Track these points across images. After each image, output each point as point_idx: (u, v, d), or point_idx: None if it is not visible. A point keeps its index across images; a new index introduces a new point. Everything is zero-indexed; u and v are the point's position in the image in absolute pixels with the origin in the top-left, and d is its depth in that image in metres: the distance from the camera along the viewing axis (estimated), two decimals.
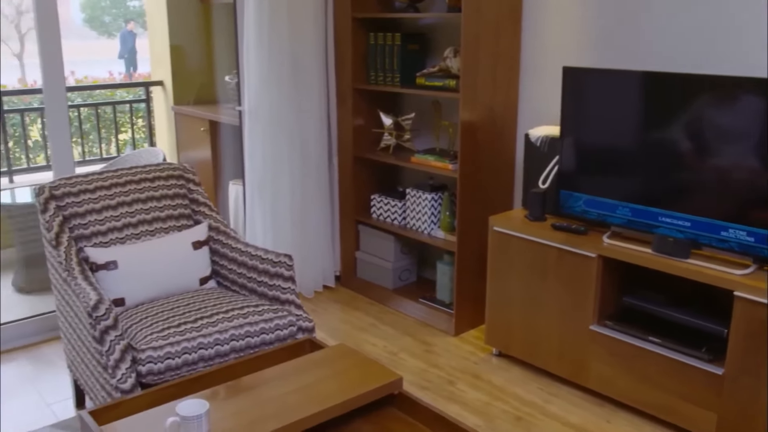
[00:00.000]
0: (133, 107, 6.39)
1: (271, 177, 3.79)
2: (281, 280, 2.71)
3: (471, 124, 3.32)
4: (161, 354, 2.34)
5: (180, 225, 2.95)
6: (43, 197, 2.73)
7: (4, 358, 3.40)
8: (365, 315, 3.85)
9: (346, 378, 2.22)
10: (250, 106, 3.72)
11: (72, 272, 2.53)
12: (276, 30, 3.65)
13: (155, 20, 5.59)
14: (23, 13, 16.17)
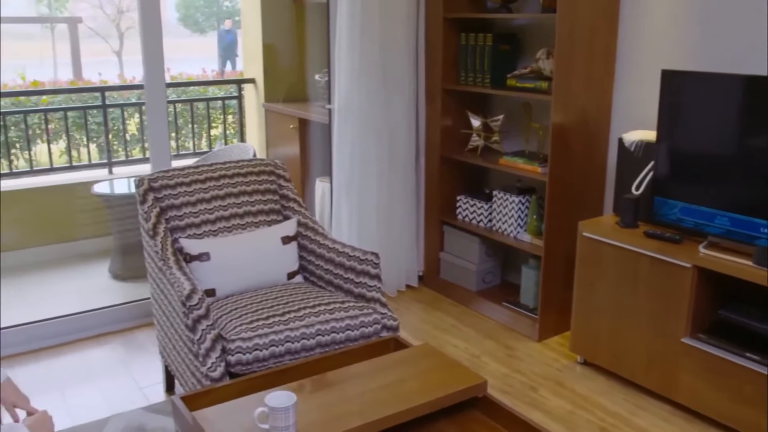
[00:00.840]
0: (225, 104, 6.56)
1: (358, 175, 3.82)
2: (367, 278, 2.73)
3: (562, 126, 3.26)
4: (250, 345, 2.40)
5: (270, 220, 3.02)
6: (142, 189, 2.84)
7: (99, 341, 3.56)
8: (447, 316, 3.84)
9: (431, 378, 2.22)
10: (340, 105, 3.77)
11: (167, 262, 2.62)
12: (368, 30, 3.68)
13: (249, 19, 5.73)
14: (123, 12, 16.88)
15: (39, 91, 6.29)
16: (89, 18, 15.11)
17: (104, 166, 5.65)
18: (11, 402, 1.97)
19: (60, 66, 13.57)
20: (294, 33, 5.55)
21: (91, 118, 5.84)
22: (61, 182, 5.26)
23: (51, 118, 5.73)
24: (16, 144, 5.59)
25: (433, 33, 3.84)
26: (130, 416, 2.86)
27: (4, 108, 5.65)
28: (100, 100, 5.79)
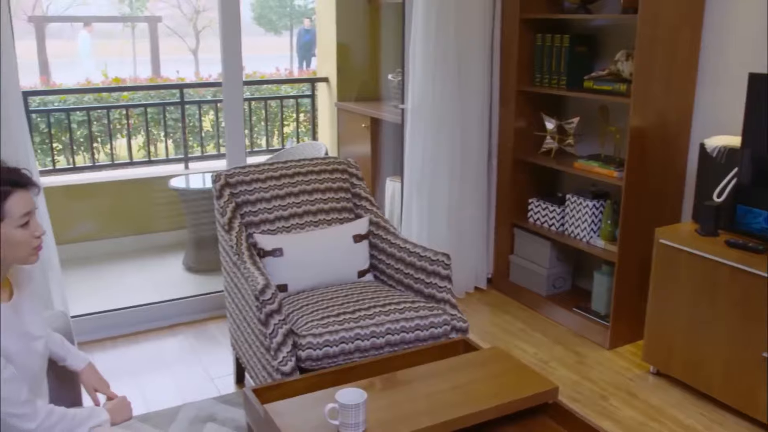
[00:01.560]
0: (298, 102, 6.65)
1: (429, 175, 3.82)
2: (438, 279, 2.72)
3: (641, 130, 3.18)
4: (320, 341, 2.42)
5: (342, 218, 3.04)
6: (219, 184, 2.90)
7: (172, 331, 3.65)
8: (515, 320, 3.79)
9: (501, 382, 2.19)
10: (413, 105, 3.77)
11: (242, 256, 2.67)
12: (443, 30, 3.67)
13: (324, 18, 5.80)
14: (200, 12, 17.30)
15: (125, 87, 6.53)
16: (167, 17, 15.55)
17: (180, 161, 5.81)
18: (92, 386, 2.04)
19: (139, 63, 14.00)
20: (368, 32, 5.59)
21: (168, 115, 6.01)
22: (140, 176, 5.44)
23: (131, 113, 5.92)
24: (98, 138, 5.79)
25: (508, 33, 3.80)
26: (201, 405, 2.93)
27: (87, 103, 5.87)
28: (177, 97, 5.96)
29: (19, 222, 1.64)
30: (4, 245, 1.63)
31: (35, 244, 1.69)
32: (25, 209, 1.65)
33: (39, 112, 5.45)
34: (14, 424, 1.65)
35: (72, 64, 11.90)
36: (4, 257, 1.66)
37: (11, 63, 2.91)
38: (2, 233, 1.62)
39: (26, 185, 1.68)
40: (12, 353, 1.66)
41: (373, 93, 5.56)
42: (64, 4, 14.54)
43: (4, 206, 1.61)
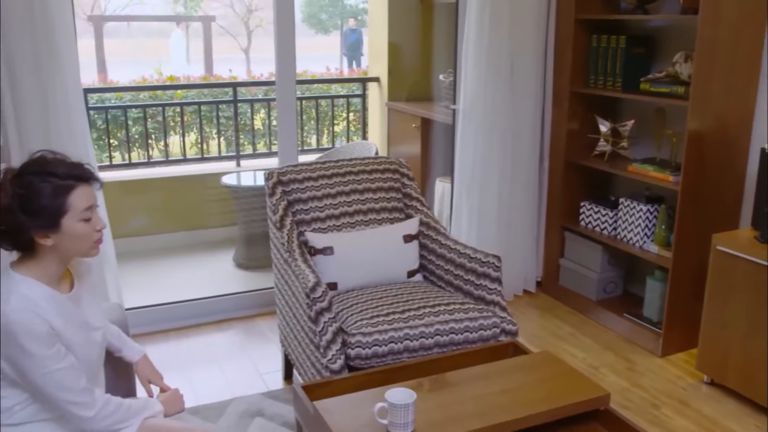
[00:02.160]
0: (349, 101, 6.68)
1: (480, 176, 3.80)
2: (488, 281, 2.71)
3: (699, 134, 3.11)
4: (370, 340, 2.43)
5: (392, 218, 3.05)
6: (271, 182, 2.93)
7: (221, 326, 3.70)
8: (565, 324, 3.75)
9: (551, 386, 2.17)
10: (465, 105, 3.75)
11: (293, 254, 2.69)
12: (496, 30, 3.64)
13: (376, 18, 5.81)
14: (252, 11, 17.52)
15: (181, 86, 6.65)
16: (220, 17, 15.79)
17: (232, 158, 5.89)
18: (146, 377, 2.09)
19: (192, 62, 14.24)
20: (420, 32, 5.58)
21: (221, 113, 6.10)
22: (193, 173, 5.53)
23: (184, 111, 6.03)
24: (152, 135, 5.91)
25: (563, 34, 3.75)
26: (250, 400, 2.96)
27: (143, 101, 6.00)
28: (230, 95, 6.04)
29: (82, 216, 1.68)
30: (66, 238, 1.67)
31: (96, 237, 1.73)
32: (88, 203, 1.69)
33: (96, 109, 5.58)
34: (73, 412, 1.69)
35: (127, 63, 12.17)
36: (67, 250, 1.70)
37: (74, 61, 2.99)
38: (65, 226, 1.66)
39: (89, 180, 1.72)
40: (72, 343, 1.71)
41: (424, 93, 5.56)
42: (121, 4, 14.89)
43: (68, 200, 1.66)
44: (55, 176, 1.65)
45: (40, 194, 1.63)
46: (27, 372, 1.62)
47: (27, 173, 1.65)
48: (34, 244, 1.67)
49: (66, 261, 1.74)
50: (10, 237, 1.66)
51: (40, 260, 1.69)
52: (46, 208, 1.63)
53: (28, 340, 1.59)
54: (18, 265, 1.70)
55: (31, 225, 1.63)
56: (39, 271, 1.69)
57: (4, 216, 1.63)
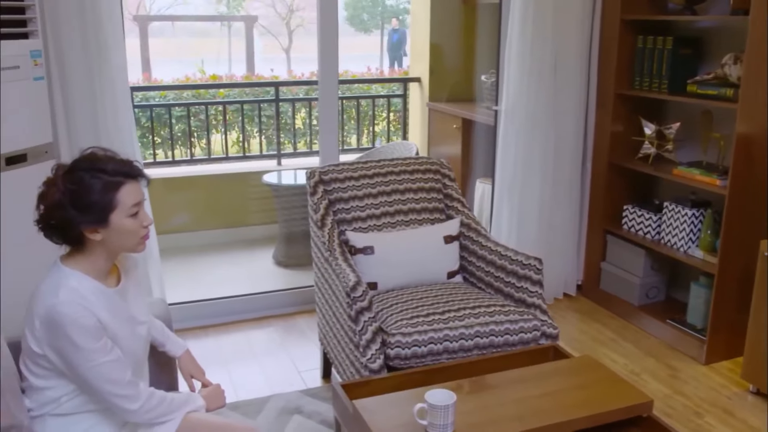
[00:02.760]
0: (390, 101, 6.69)
1: (521, 178, 3.77)
2: (529, 283, 2.68)
3: (748, 137, 3.04)
4: (409, 341, 2.43)
5: (433, 218, 3.04)
6: (313, 181, 2.95)
7: (260, 323, 3.74)
8: (605, 328, 3.70)
9: (593, 392, 2.14)
10: (507, 106, 3.72)
11: (333, 253, 2.71)
12: (540, 30, 3.61)
13: (418, 18, 5.81)
14: (294, 11, 17.64)
15: (226, 84, 6.73)
16: (261, 16, 15.92)
17: (273, 157, 5.94)
18: (189, 372, 2.11)
19: (233, 62, 14.39)
20: (462, 33, 5.57)
21: (261, 112, 6.15)
22: (234, 171, 5.59)
23: (227, 110, 6.10)
24: (195, 133, 5.99)
25: (608, 35, 3.71)
26: (289, 398, 2.99)
27: (185, 99, 6.08)
28: (271, 94, 6.09)
29: (130, 212, 1.71)
30: (115, 233, 1.70)
31: (143, 233, 1.76)
32: (136, 199, 1.73)
33: (141, 107, 5.68)
34: (118, 404, 1.72)
35: (171, 62, 12.34)
36: (114, 245, 1.73)
37: (122, 60, 3.05)
38: (114, 222, 1.69)
39: (137, 177, 1.75)
40: (118, 337, 1.74)
41: (466, 94, 5.54)
42: (165, 4, 15.11)
43: (117, 196, 1.69)
44: (105, 173, 1.69)
45: (91, 190, 1.66)
46: (74, 364, 1.66)
47: (78, 169, 1.69)
48: (83, 238, 1.70)
49: (114, 256, 1.78)
50: (61, 231, 1.70)
51: (89, 255, 1.73)
52: (95, 203, 1.67)
53: (76, 333, 1.63)
54: (67, 259, 1.74)
55: (81, 220, 1.66)
56: (87, 265, 1.73)
57: (55, 211, 1.66)
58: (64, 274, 1.69)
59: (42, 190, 1.70)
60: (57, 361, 1.68)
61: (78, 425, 1.76)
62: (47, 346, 1.66)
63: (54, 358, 1.68)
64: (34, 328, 1.66)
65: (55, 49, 2.89)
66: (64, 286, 1.66)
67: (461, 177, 5.05)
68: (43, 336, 1.65)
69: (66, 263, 1.72)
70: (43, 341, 1.66)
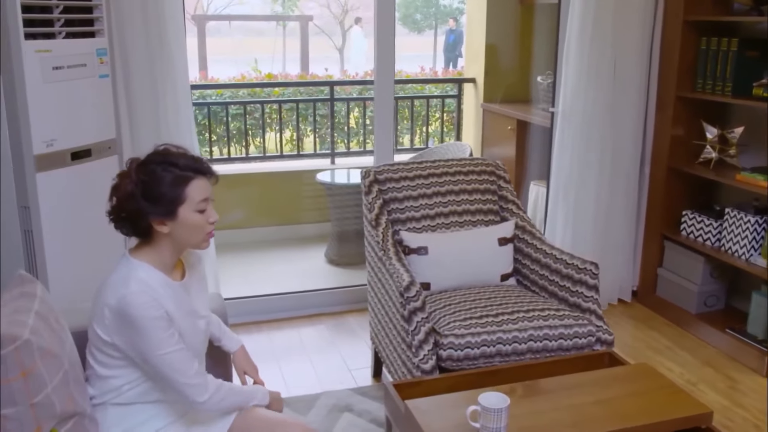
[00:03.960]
0: (444, 102, 6.67)
1: (576, 180, 3.72)
2: (584, 288, 2.65)
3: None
4: (462, 342, 2.42)
5: (487, 220, 3.02)
6: (368, 180, 2.96)
7: (312, 321, 3.77)
8: (661, 336, 3.62)
9: (649, 400, 2.10)
10: (564, 108, 3.68)
11: (387, 252, 2.71)
12: (600, 31, 3.55)
13: (474, 19, 5.78)
14: (348, 11, 17.73)
15: (283, 83, 6.81)
16: (316, 16, 16.05)
17: (327, 155, 5.98)
18: (242, 368, 2.14)
19: (287, 61, 14.54)
20: (518, 33, 5.51)
21: (316, 111, 6.20)
22: (288, 169, 5.64)
23: (282, 108, 6.16)
24: (250, 131, 6.07)
25: (670, 36, 3.63)
26: (339, 395, 3.00)
27: (240, 98, 6.16)
28: (325, 93, 6.13)
29: (197, 207, 1.75)
30: (181, 227, 1.74)
31: (208, 230, 1.80)
32: (203, 195, 1.76)
33: (198, 105, 5.78)
34: (188, 394, 1.75)
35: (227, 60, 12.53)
36: (181, 238, 1.77)
37: (183, 59, 3.11)
38: (181, 215, 1.73)
39: (206, 174, 1.79)
40: (181, 329, 1.77)
41: (521, 95, 5.48)
42: (222, 3, 15.35)
43: (186, 190, 1.73)
44: (177, 167, 1.73)
45: (161, 182, 1.71)
46: (145, 353, 1.69)
47: (151, 162, 1.74)
48: (152, 230, 1.74)
49: (180, 251, 1.81)
50: (131, 222, 1.74)
51: (156, 247, 1.77)
52: (165, 195, 1.71)
53: (147, 322, 1.67)
54: (135, 251, 1.78)
55: (151, 211, 1.70)
56: (155, 257, 1.77)
57: (126, 201, 1.71)
58: (133, 266, 1.74)
59: (115, 182, 1.75)
60: (127, 350, 1.72)
61: (137, 415, 1.80)
62: (117, 335, 1.70)
63: (124, 347, 1.72)
64: (103, 317, 1.70)
65: (120, 47, 2.97)
66: (134, 278, 1.71)
67: (515, 179, 5.00)
68: (113, 325, 1.69)
69: (134, 255, 1.77)
70: (113, 330, 1.70)
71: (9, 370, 1.45)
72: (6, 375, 1.45)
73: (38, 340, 1.53)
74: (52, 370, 1.57)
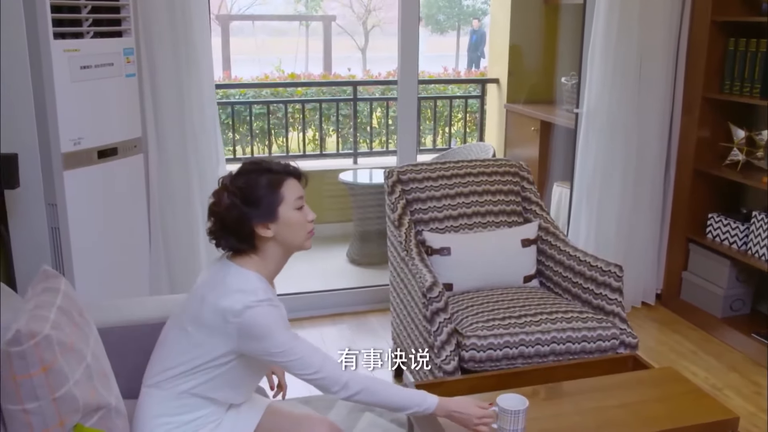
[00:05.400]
0: (467, 102, 6.65)
1: (600, 182, 3.69)
2: (608, 290, 2.63)
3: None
4: (485, 344, 2.41)
5: (510, 221, 3.01)
6: (391, 180, 2.96)
7: (333, 320, 3.77)
8: (685, 340, 3.58)
9: (674, 405, 2.08)
10: (588, 109, 3.65)
11: (410, 253, 2.71)
12: (625, 32, 3.52)
13: (498, 19, 5.76)
14: (371, 11, 17.74)
15: (307, 83, 6.83)
16: (339, 16, 16.06)
17: (350, 155, 5.98)
18: (271, 368, 2.14)
19: (310, 61, 14.55)
20: (542, 34, 5.48)
21: (339, 111, 6.21)
22: (311, 168, 5.65)
23: (305, 108, 6.18)
24: (272, 130, 6.10)
25: (697, 37, 3.59)
26: None
27: (263, 98, 6.19)
28: (348, 93, 6.14)
29: (295, 205, 1.78)
30: (284, 227, 1.76)
31: (309, 228, 1.82)
32: (298, 194, 1.79)
33: (222, 104, 5.81)
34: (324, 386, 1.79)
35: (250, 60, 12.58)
36: (285, 240, 1.78)
37: (208, 59, 3.13)
38: (282, 215, 1.75)
39: (296, 175, 1.82)
40: None
41: (545, 96, 5.45)
42: (245, 3, 15.42)
43: (281, 190, 1.76)
44: (269, 171, 1.77)
45: (258, 185, 1.74)
46: (274, 356, 1.73)
47: (244, 172, 1.78)
48: (255, 237, 1.76)
49: (286, 254, 1.83)
50: (234, 234, 1.76)
51: (263, 256, 1.79)
52: (264, 197, 1.74)
53: (269, 325, 1.71)
54: (240, 260, 1.79)
55: (253, 215, 1.73)
56: (262, 267, 1.79)
57: (228, 212, 1.74)
58: (248, 277, 1.75)
59: (212, 200, 1.78)
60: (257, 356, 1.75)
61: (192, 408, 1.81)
62: (239, 344, 1.72)
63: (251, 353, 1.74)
64: (220, 324, 1.71)
65: (146, 47, 2.99)
66: (255, 290, 1.73)
67: (538, 180, 4.97)
68: (236, 334, 1.70)
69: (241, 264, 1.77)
70: (233, 338, 1.71)
71: (29, 365, 1.46)
72: (27, 370, 1.46)
73: (59, 334, 1.55)
74: (73, 364, 1.58)
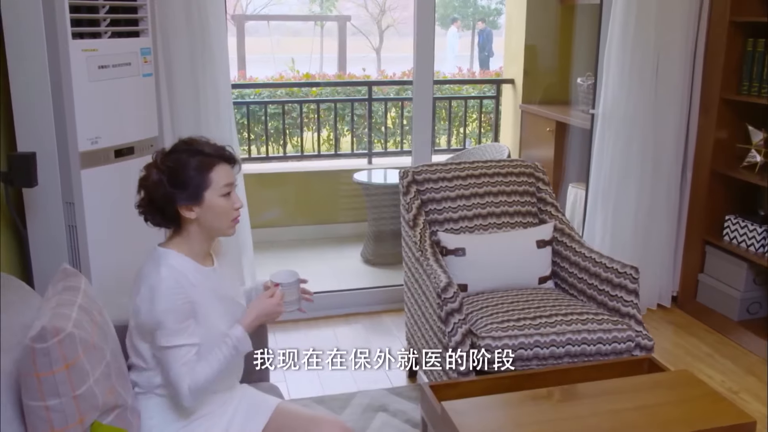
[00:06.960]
0: (482, 102, 6.63)
1: (616, 183, 3.67)
2: (624, 292, 2.61)
3: None
4: (499, 344, 2.40)
5: (526, 222, 3.00)
6: (406, 180, 2.96)
7: (347, 320, 3.78)
8: (701, 343, 3.56)
9: (691, 408, 2.07)
10: (604, 110, 3.63)
11: (425, 253, 2.71)
12: (642, 32, 3.50)
13: (513, 20, 5.74)
14: (385, 11, 17.73)
15: (323, 83, 6.83)
16: (354, 16, 16.06)
17: (364, 155, 5.99)
18: None
19: (325, 61, 14.55)
20: (558, 34, 5.46)
21: (354, 111, 6.21)
22: (325, 168, 5.67)
23: (319, 108, 6.19)
24: (287, 130, 6.11)
25: (715, 37, 3.56)
26: (374, 395, 3.01)
27: (278, 97, 6.20)
28: (363, 93, 6.14)
29: (222, 191, 1.80)
30: (208, 212, 1.79)
31: (234, 215, 1.84)
32: (227, 180, 1.81)
33: (237, 104, 5.82)
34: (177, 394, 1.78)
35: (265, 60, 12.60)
36: (208, 224, 1.81)
37: (224, 59, 3.14)
38: (207, 199, 1.78)
39: (229, 160, 1.84)
40: (209, 313, 1.81)
41: (560, 96, 5.43)
42: (260, 3, 15.45)
43: (210, 175, 1.78)
44: (201, 153, 1.79)
45: (187, 167, 1.76)
46: (155, 338, 1.74)
47: (176, 151, 1.80)
48: (180, 217, 1.79)
49: (209, 238, 1.86)
50: (159, 210, 1.79)
51: (186, 236, 1.82)
52: (191, 179, 1.76)
53: (164, 310, 1.71)
54: (167, 243, 1.84)
55: (178, 196, 1.76)
56: (185, 246, 1.82)
57: (154, 190, 1.76)
58: (164, 254, 1.79)
59: (143, 173, 1.81)
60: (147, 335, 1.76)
61: (178, 407, 1.83)
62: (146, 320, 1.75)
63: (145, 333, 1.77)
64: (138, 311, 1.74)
65: (163, 47, 3.01)
66: (165, 264, 1.76)
67: (553, 181, 4.95)
68: None
69: (165, 246, 1.82)
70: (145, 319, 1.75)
71: (53, 362, 1.48)
72: (50, 367, 1.48)
73: (81, 332, 1.56)
74: (94, 362, 1.60)
